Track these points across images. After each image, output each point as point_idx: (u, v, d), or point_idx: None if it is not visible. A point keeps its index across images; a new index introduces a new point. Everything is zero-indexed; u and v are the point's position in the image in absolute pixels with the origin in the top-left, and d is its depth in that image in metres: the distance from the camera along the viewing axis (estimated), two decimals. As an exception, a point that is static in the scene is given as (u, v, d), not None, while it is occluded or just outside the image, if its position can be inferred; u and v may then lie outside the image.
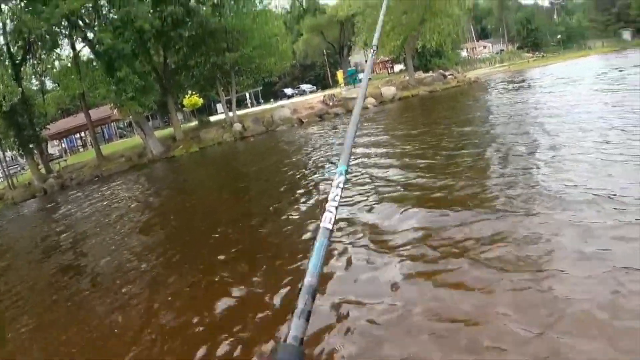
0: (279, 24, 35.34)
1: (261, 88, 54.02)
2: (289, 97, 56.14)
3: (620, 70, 25.91)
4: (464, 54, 70.76)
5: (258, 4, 31.58)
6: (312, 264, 0.88)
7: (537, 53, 73.05)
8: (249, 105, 53.46)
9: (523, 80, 33.12)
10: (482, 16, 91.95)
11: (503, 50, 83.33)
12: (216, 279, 6.23)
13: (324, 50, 69.50)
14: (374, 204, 7.77)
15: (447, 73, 41.70)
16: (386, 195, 8.17)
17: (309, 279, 0.86)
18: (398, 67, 57.02)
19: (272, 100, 56.85)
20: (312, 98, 38.44)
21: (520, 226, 5.39)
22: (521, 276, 4.19)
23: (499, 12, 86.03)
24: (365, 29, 39.62)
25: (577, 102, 15.12)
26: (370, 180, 9.44)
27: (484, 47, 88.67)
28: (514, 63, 63.65)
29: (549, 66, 48.16)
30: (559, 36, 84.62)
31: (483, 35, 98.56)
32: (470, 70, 55.96)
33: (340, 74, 53.98)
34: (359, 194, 8.44)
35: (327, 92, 41.43)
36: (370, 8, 38.42)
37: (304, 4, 72.07)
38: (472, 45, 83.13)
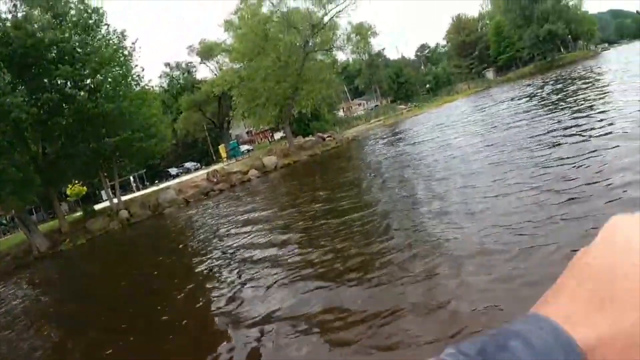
0: (156, 104, 36.60)
1: (145, 170, 54.22)
2: (174, 176, 56.83)
3: (481, 111, 29.58)
4: (340, 114, 75.32)
5: (134, 86, 32.36)
6: None
7: (409, 104, 78.89)
8: (134, 189, 53.41)
9: (397, 133, 36.76)
10: (353, 76, 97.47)
11: (377, 105, 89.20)
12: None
13: (205, 126, 71.22)
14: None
15: (325, 135, 45.00)
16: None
17: None
18: (278, 135, 59.34)
19: (157, 181, 57.11)
20: (196, 176, 39.61)
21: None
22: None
23: (369, 70, 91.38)
24: (242, 102, 41.46)
25: (444, 150, 17.69)
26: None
27: (359, 104, 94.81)
28: (388, 116, 68.94)
29: (420, 115, 52.90)
30: (427, 85, 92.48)
31: (357, 93, 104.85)
32: (348, 129, 60.06)
33: (222, 149, 55.77)
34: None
35: (211, 168, 42.63)
36: (244, 81, 40.59)
37: (180, 81, 73.86)
38: (348, 105, 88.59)
